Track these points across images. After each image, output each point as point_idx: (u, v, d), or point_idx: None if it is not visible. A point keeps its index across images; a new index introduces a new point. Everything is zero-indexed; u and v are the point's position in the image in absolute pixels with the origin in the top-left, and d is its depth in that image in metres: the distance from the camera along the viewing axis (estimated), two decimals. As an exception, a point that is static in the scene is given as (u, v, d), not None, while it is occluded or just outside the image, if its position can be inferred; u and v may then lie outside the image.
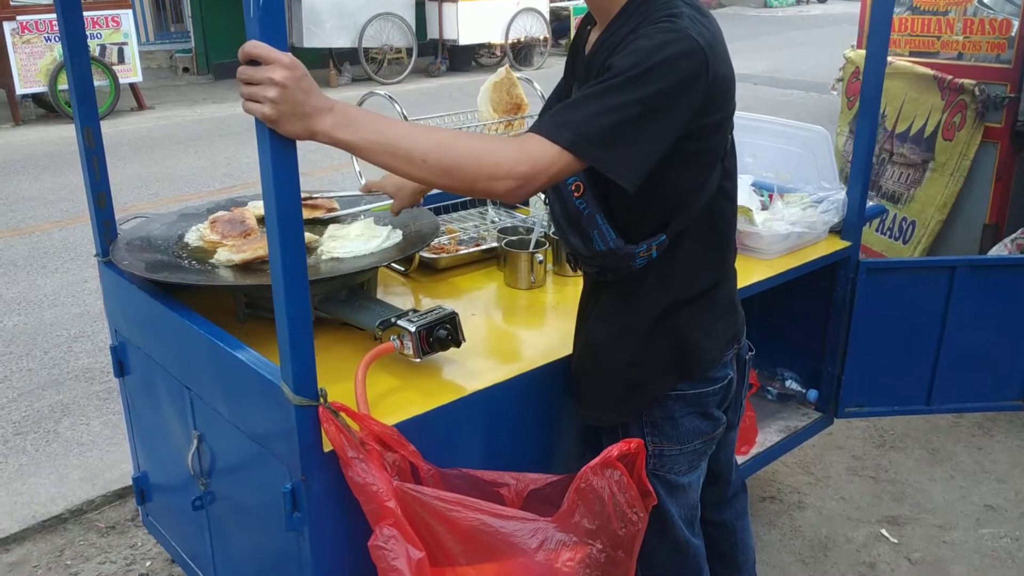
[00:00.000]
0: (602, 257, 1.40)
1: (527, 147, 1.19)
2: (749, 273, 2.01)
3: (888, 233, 3.86)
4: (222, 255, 1.71)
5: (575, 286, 2.02)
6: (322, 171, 6.24)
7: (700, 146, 1.32)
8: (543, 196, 2.19)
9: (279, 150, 1.13)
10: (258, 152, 1.15)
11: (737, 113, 1.43)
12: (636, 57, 1.20)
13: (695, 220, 1.38)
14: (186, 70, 11.06)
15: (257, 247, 1.69)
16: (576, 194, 1.37)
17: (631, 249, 1.38)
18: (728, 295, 1.51)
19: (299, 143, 1.14)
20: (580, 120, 1.20)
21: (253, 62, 1.09)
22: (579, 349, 1.55)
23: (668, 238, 1.37)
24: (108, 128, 7.63)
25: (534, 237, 2.01)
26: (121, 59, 8.29)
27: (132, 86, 8.58)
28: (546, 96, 2.29)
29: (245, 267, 1.68)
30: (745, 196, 2.28)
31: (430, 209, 2.15)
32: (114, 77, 8.18)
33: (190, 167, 6.73)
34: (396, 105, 2.10)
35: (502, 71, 2.22)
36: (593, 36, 1.41)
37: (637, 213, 1.38)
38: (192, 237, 1.87)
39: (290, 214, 1.15)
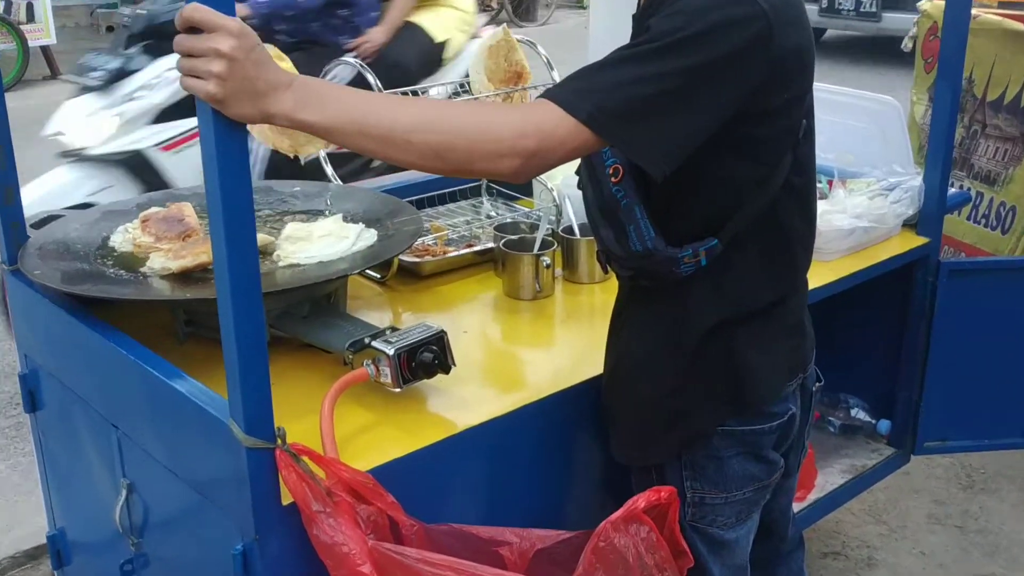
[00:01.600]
0: (638, 259, 1.41)
1: (535, 117, 1.20)
2: (805, 278, 2.02)
3: (983, 221, 3.85)
4: (156, 262, 1.72)
5: (590, 295, 2.03)
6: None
7: (760, 132, 1.32)
8: (549, 184, 2.20)
9: (226, 135, 1.13)
10: (200, 138, 1.15)
11: None
12: (679, 20, 1.20)
13: (755, 223, 1.39)
14: (110, 29, 11.09)
15: (199, 252, 1.70)
16: (614, 179, 1.38)
17: (673, 253, 1.38)
18: (795, 314, 1.51)
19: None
20: (604, 89, 1.20)
21: (193, 30, 1.10)
22: (609, 369, 1.56)
23: (721, 243, 1.38)
24: (14, 101, 7.62)
25: (539, 235, 2.01)
26: (31, 17, 8.31)
27: (44, 49, 8.60)
28: (553, 63, 2.30)
29: (185, 276, 1.68)
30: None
31: (411, 202, 2.15)
32: (22, 39, 8.19)
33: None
34: (369, 75, 2.10)
35: (499, 31, 2.23)
36: None
37: (681, 209, 1.38)
38: (119, 240, 1.87)
39: (239, 211, 1.16)
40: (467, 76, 2.27)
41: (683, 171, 1.26)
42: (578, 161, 1.46)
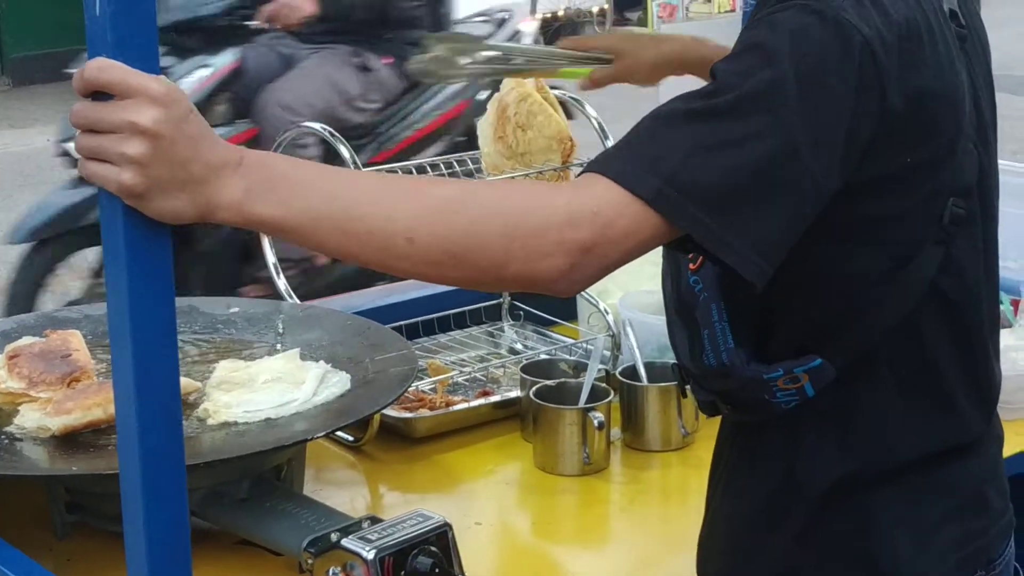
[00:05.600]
0: (715, 377, 1.44)
1: (586, 199, 1.25)
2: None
3: None
4: (29, 418, 1.75)
5: (664, 469, 2.04)
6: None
7: (878, 211, 1.36)
8: (602, 304, 2.23)
9: (143, 241, 1.17)
10: (103, 247, 1.20)
11: None
12: (754, 57, 1.27)
13: (889, 342, 1.41)
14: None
15: (91, 404, 1.73)
16: (692, 266, 1.43)
17: (757, 372, 1.41)
18: (969, 480, 1.51)
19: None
20: (674, 158, 1.25)
21: (100, 95, 1.15)
22: (700, 542, 1.59)
23: (832, 365, 1.40)
24: None
25: (588, 381, 2.03)
26: None
27: None
28: (606, 128, 2.36)
29: (69, 440, 1.71)
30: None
31: (398, 328, 2.19)
32: None
33: (-35, 243, 6.86)
34: (341, 145, 2.16)
35: (512, 82, 2.27)
36: None
37: (772, 314, 1.42)
38: (-25, 384, 1.90)
39: (157, 346, 1.19)
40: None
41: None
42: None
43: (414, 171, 2.25)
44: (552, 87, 2.32)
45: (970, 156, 1.42)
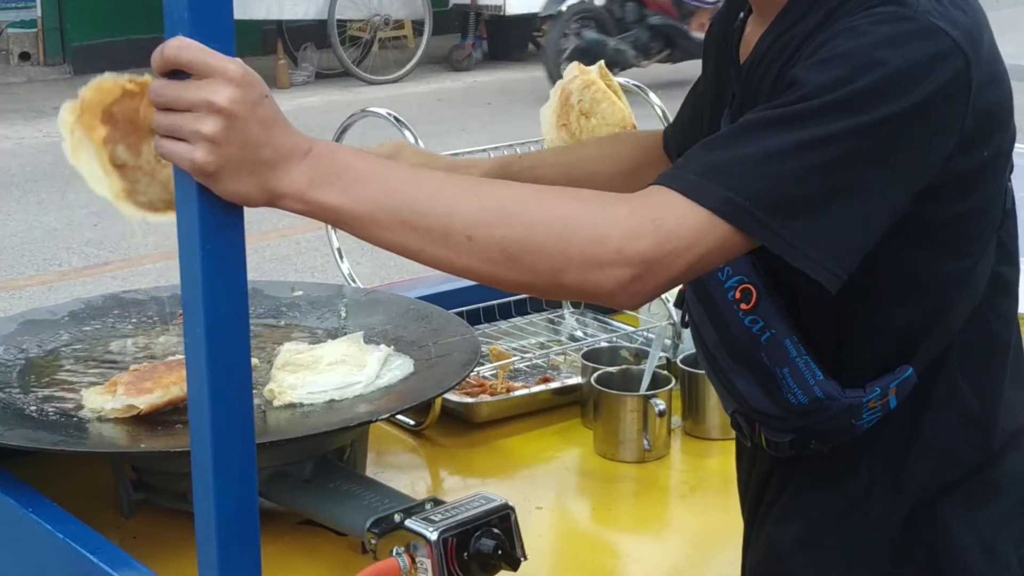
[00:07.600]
0: (802, 415, 1.41)
1: (649, 210, 1.24)
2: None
3: None
4: (95, 399, 1.76)
5: (724, 456, 2.02)
6: (261, 238, 6.37)
7: (961, 208, 1.35)
8: (667, 297, 2.24)
9: (214, 222, 1.18)
10: (177, 225, 1.21)
11: None
12: (841, 68, 1.25)
13: (959, 338, 1.40)
14: (25, 56, 11.51)
15: (169, 383, 1.75)
16: (744, 306, 1.40)
17: (855, 398, 1.38)
18: (1021, 470, 1.50)
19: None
20: (743, 164, 1.24)
21: (177, 73, 1.16)
22: (752, 566, 1.56)
23: (916, 372, 1.39)
24: None
25: (649, 368, 2.03)
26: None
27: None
28: (670, 117, 2.35)
29: (135, 420, 1.73)
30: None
31: (461, 314, 2.20)
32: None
33: (30, 228, 6.91)
34: (407, 132, 2.17)
35: (574, 68, 2.27)
36: (752, 33, 1.47)
37: (856, 332, 1.40)
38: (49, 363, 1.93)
39: (230, 329, 1.21)
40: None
41: (855, 274, 1.28)
42: None
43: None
44: (615, 74, 2.32)
45: None
